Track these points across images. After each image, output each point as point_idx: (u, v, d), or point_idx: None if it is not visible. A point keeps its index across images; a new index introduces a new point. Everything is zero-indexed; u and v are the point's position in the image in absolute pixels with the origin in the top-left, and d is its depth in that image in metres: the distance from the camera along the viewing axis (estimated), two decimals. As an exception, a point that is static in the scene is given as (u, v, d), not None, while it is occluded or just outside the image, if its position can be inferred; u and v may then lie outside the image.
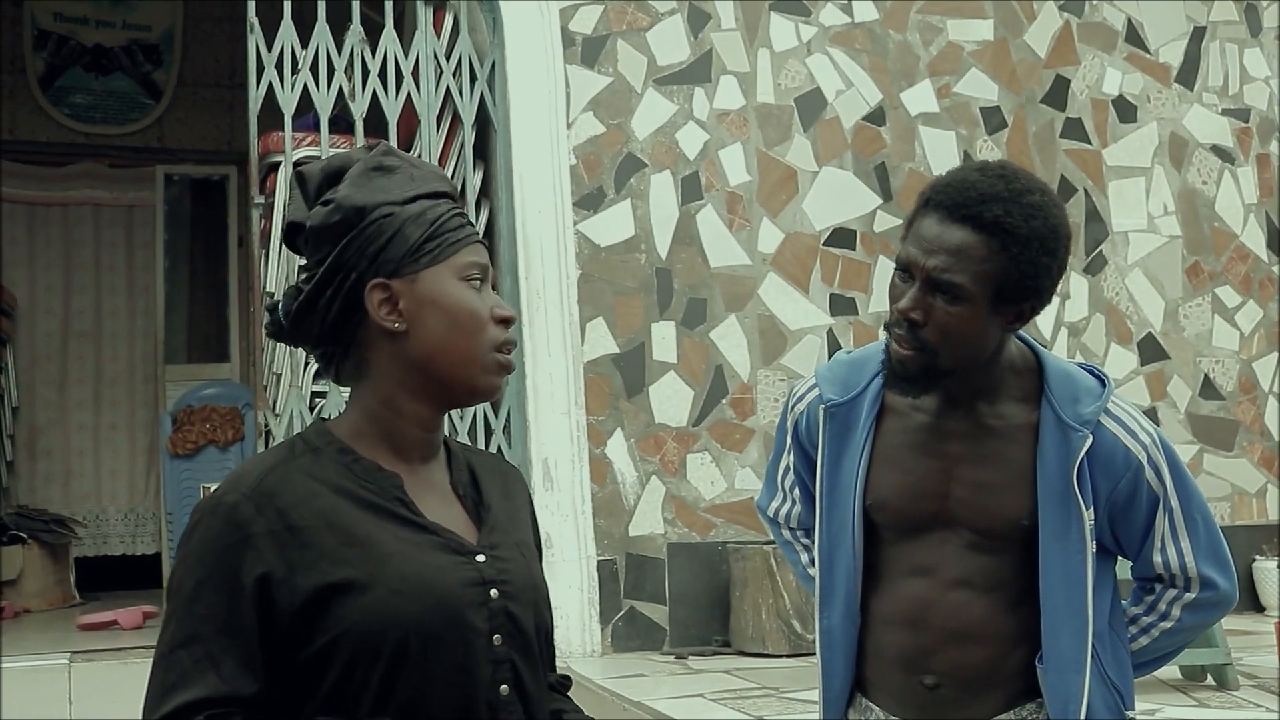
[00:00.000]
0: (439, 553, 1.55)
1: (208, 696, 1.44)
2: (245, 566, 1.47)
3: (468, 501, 1.65)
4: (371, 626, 1.48)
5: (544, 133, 5.62)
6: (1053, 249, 1.92)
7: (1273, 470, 6.61)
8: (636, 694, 4.46)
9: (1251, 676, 4.53)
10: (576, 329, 5.54)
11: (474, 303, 1.59)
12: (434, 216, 1.59)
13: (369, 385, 1.61)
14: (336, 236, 1.58)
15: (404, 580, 1.50)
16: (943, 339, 1.93)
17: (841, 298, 5.95)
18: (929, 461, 2.06)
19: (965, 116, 6.25)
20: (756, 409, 5.76)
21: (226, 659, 1.46)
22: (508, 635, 1.57)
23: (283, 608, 1.48)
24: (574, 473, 5.44)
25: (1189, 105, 6.71)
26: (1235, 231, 6.72)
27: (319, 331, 1.61)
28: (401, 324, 1.57)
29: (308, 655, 1.48)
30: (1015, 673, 2.04)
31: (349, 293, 1.57)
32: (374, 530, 1.53)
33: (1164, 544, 2.06)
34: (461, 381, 1.60)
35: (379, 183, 1.60)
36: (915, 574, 2.07)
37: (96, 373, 8.66)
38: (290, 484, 1.53)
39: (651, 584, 5.53)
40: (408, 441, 1.61)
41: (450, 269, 1.59)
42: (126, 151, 8.69)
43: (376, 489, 1.56)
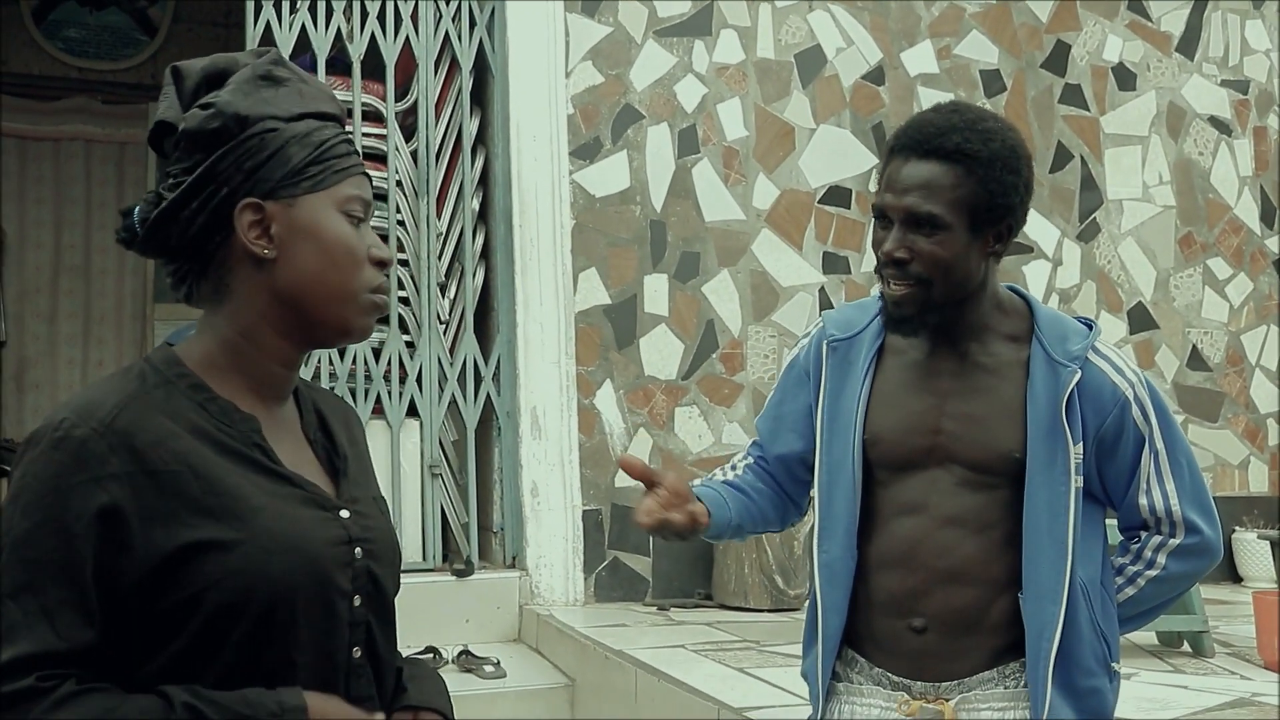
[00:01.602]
0: (303, 507, 1.46)
1: (39, 652, 1.31)
2: (90, 509, 1.33)
3: (319, 448, 1.56)
4: (238, 585, 1.37)
5: (542, 81, 5.59)
6: (1015, 167, 2.02)
7: (1256, 443, 6.65)
8: (618, 643, 4.48)
9: (1227, 645, 4.58)
10: (569, 279, 5.54)
11: (352, 238, 1.48)
12: (320, 140, 1.48)
13: (226, 312, 1.48)
14: (211, 145, 1.45)
15: (273, 538, 1.40)
16: (933, 270, 2.00)
17: (835, 256, 5.95)
18: (922, 398, 2.11)
19: (964, 78, 6.24)
20: (746, 364, 5.77)
21: (63, 611, 1.32)
22: (367, 596, 1.50)
23: (134, 559, 1.34)
24: (562, 422, 5.45)
25: (1188, 75, 6.70)
26: (1229, 204, 6.73)
27: (175, 246, 1.48)
28: (271, 251, 1.45)
29: (160, 609, 1.36)
30: (1000, 622, 2.07)
31: (216, 208, 1.45)
32: (238, 480, 1.41)
33: (1149, 486, 2.10)
34: (333, 320, 1.49)
35: (265, 94, 1.48)
36: (907, 512, 2.11)
37: (85, 309, 8.64)
38: (146, 422, 1.38)
39: (636, 535, 5.55)
40: (265, 379, 1.50)
41: (331, 199, 1.48)
42: (120, 88, 8.63)
43: (234, 433, 1.44)
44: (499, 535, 5.44)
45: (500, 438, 5.48)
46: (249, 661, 1.38)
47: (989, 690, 2.07)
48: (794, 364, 2.31)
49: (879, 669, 2.12)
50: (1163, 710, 3.51)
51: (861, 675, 2.14)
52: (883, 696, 2.11)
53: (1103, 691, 2.08)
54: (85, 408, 1.38)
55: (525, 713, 4.43)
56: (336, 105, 1.56)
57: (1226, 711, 3.55)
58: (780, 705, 3.56)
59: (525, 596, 5.29)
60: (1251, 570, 6.17)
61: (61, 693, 1.30)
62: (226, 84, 1.48)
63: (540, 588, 5.33)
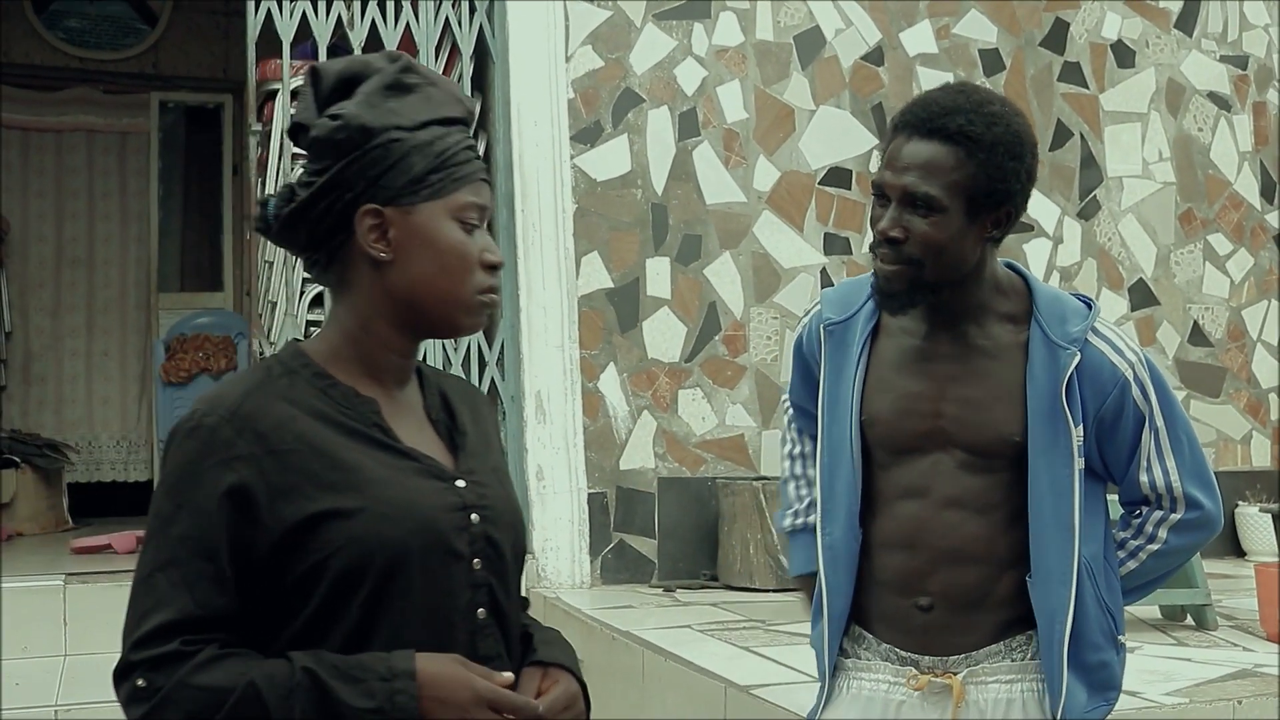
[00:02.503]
0: (420, 478, 1.57)
1: (182, 619, 1.45)
2: (220, 488, 1.47)
3: (441, 427, 1.66)
4: (358, 551, 1.48)
5: (542, 65, 5.61)
6: (1018, 153, 1.99)
7: (1258, 417, 6.67)
8: (625, 624, 4.51)
9: (1230, 618, 4.60)
10: (571, 263, 5.55)
11: (464, 245, 1.58)
12: (442, 149, 1.57)
13: (347, 305, 1.61)
14: (338, 154, 1.56)
15: (389, 505, 1.51)
16: (926, 252, 1.99)
17: (836, 237, 5.97)
18: (920, 381, 2.11)
19: (964, 58, 6.25)
20: (749, 346, 5.79)
21: (201, 581, 1.46)
22: (487, 559, 1.59)
23: (264, 532, 1.48)
24: (566, 406, 5.48)
25: (1187, 51, 6.71)
26: (1229, 179, 6.74)
27: (305, 241, 1.60)
28: (388, 254, 1.56)
29: (291, 580, 1.49)
30: (1006, 598, 2.09)
31: (341, 211, 1.56)
32: (356, 455, 1.53)
33: (1150, 463, 2.11)
34: (443, 320, 1.60)
35: (392, 104, 1.58)
36: (909, 496, 2.12)
37: (89, 300, 8.65)
38: (269, 407, 1.52)
39: (641, 518, 5.58)
40: (383, 366, 1.62)
41: (447, 207, 1.57)
42: (121, 77, 8.63)
43: (354, 414, 1.56)
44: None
45: (505, 422, 5.50)
46: (371, 622, 1.50)
47: (996, 663, 2.08)
48: (797, 346, 2.33)
49: (886, 644, 2.13)
50: (1166, 682, 3.54)
51: (869, 651, 2.15)
52: (891, 671, 2.12)
53: (1111, 664, 2.10)
54: (215, 399, 1.53)
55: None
56: (463, 108, 1.64)
57: (1229, 683, 3.58)
58: (787, 683, 3.59)
59: (532, 579, 5.32)
60: (1254, 544, 6.20)
61: (202, 657, 1.45)
62: (356, 93, 1.58)
63: (547, 571, 5.37)
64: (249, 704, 1.43)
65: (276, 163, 5.34)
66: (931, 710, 2.09)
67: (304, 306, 5.28)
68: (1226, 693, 3.45)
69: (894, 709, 2.12)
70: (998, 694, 2.08)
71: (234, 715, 1.43)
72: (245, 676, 1.43)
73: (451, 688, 1.47)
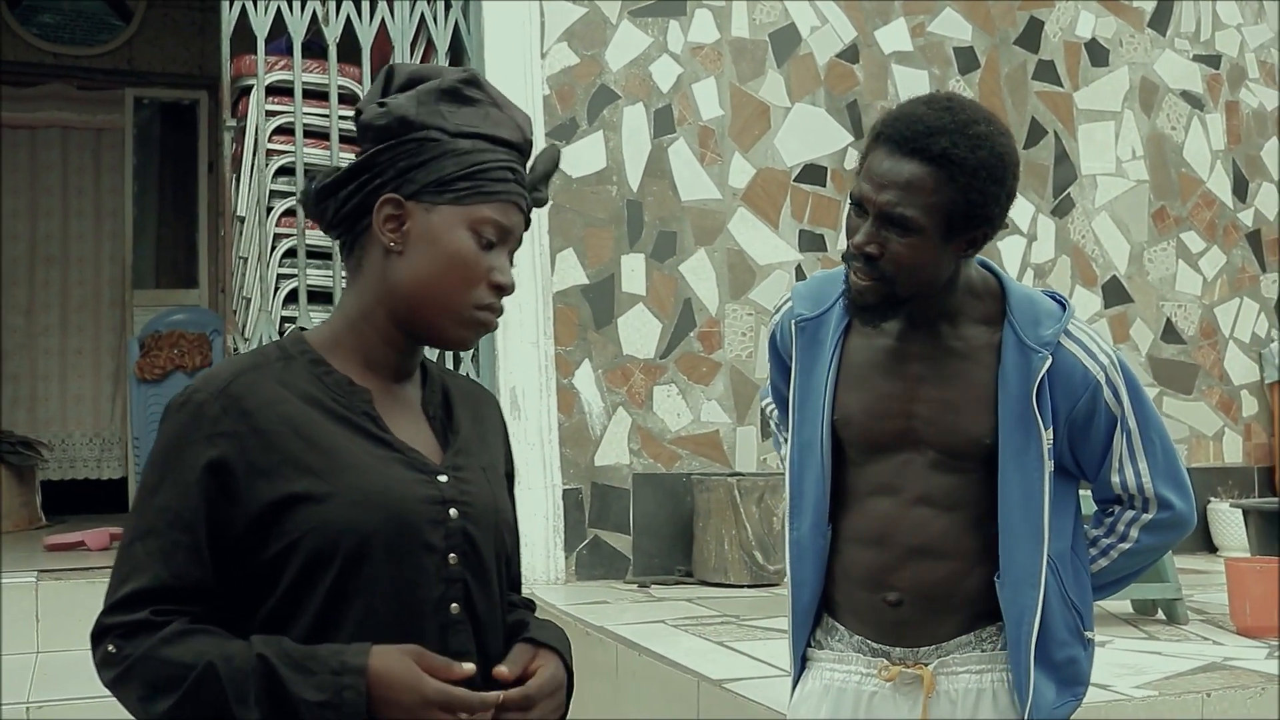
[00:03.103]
0: (401, 468, 1.57)
1: (155, 587, 1.49)
2: (201, 462, 1.50)
3: (436, 423, 1.67)
4: (327, 534, 1.49)
5: (518, 62, 5.60)
6: (1000, 177, 1.96)
7: (1230, 414, 6.72)
8: (599, 620, 4.52)
9: (1201, 612, 4.63)
10: (546, 259, 5.55)
11: (472, 257, 1.57)
12: (478, 160, 1.58)
13: (356, 291, 1.62)
14: (376, 138, 1.59)
15: (363, 492, 1.52)
16: (898, 270, 1.97)
17: (811, 234, 5.98)
18: (893, 382, 2.10)
19: (938, 56, 6.27)
20: (724, 343, 5.80)
21: (178, 552, 1.49)
22: (463, 555, 1.58)
23: (242, 509, 1.50)
24: (541, 402, 5.48)
25: (1161, 50, 6.75)
26: (1202, 178, 6.78)
27: (330, 219, 1.63)
28: (399, 246, 1.57)
29: (265, 559, 1.51)
30: (975, 593, 2.09)
31: (366, 196, 1.58)
32: (338, 440, 1.54)
33: (1122, 464, 2.11)
34: (432, 324, 1.60)
35: (443, 108, 1.59)
36: (880, 493, 2.12)
37: (63, 297, 8.60)
38: (259, 388, 1.54)
39: (616, 514, 5.59)
40: (380, 359, 1.63)
41: (467, 216, 1.57)
42: (95, 73, 8.57)
43: (346, 402, 1.57)
44: (480, 515, 5.46)
45: (480, 418, 5.49)
46: (337, 608, 1.51)
47: (966, 654, 2.09)
48: (772, 342, 2.31)
49: (858, 636, 2.14)
50: (1136, 676, 3.56)
51: (841, 642, 2.16)
52: (863, 663, 2.13)
53: (1078, 660, 2.11)
54: (208, 377, 1.57)
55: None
56: (520, 135, 1.64)
57: (1198, 676, 3.60)
58: (760, 677, 3.60)
59: (507, 575, 5.31)
60: (1226, 540, 6.24)
61: (169, 630, 1.48)
62: (414, 89, 1.60)
63: (522, 567, 5.35)
64: (207, 684, 1.45)
65: (251, 158, 5.33)
66: (903, 701, 2.10)
67: (278, 303, 5.26)
68: (1196, 686, 3.47)
69: (865, 700, 2.12)
70: (968, 684, 2.09)
71: (191, 693, 1.45)
72: (205, 656, 1.45)
73: (401, 689, 1.46)
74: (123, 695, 1.51)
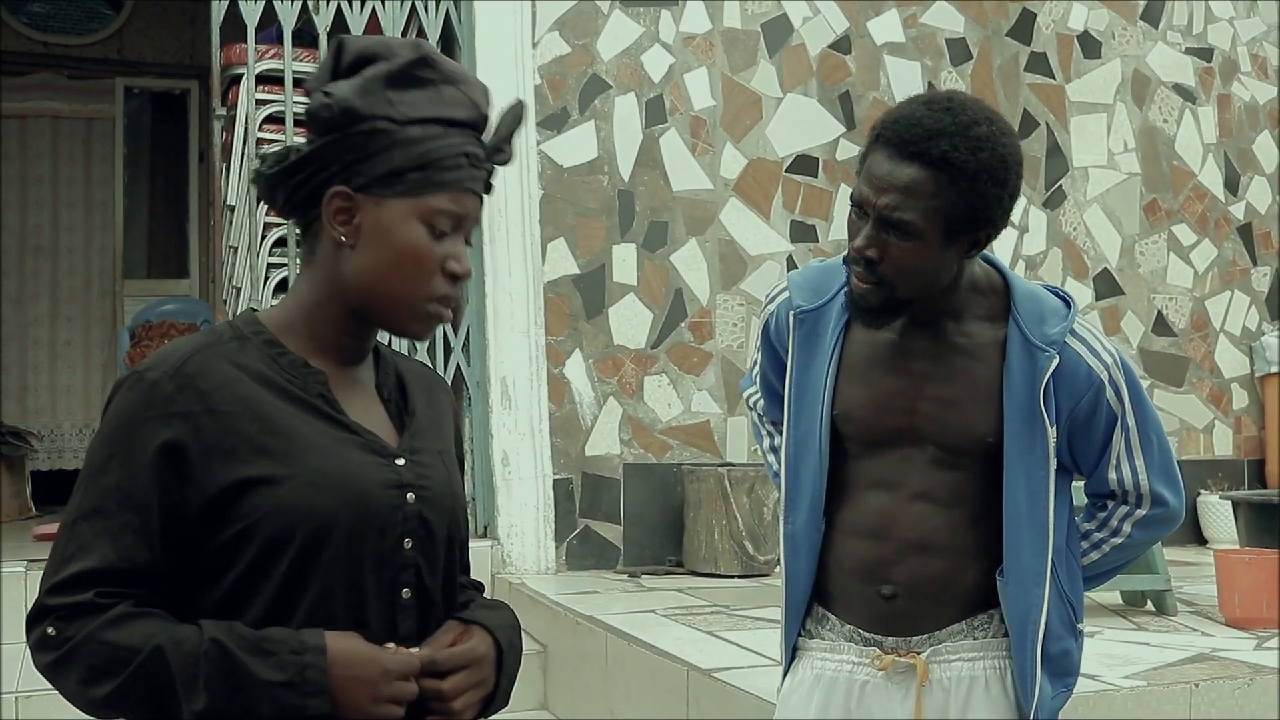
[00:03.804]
0: (358, 451, 1.55)
1: (101, 569, 1.45)
2: (155, 442, 1.47)
3: (391, 406, 1.65)
4: (285, 518, 1.47)
5: (509, 52, 5.59)
6: (1002, 179, 1.93)
7: (1220, 406, 6.72)
8: (589, 610, 4.51)
9: (1190, 603, 4.64)
10: (537, 249, 5.54)
11: (423, 249, 1.54)
12: (429, 149, 1.53)
13: (309, 279, 1.60)
14: (323, 131, 1.55)
15: (322, 475, 1.50)
16: (899, 274, 1.95)
17: (802, 224, 5.97)
18: (895, 378, 2.09)
19: (931, 47, 6.26)
20: (715, 333, 5.80)
21: (125, 534, 1.46)
22: (418, 540, 1.57)
23: (195, 491, 1.47)
24: (532, 392, 5.47)
25: (1153, 43, 6.75)
26: (1193, 170, 6.78)
27: (283, 206, 1.60)
28: (350, 240, 1.54)
29: (218, 543, 1.48)
30: (970, 587, 2.09)
31: (315, 188, 1.55)
32: (295, 423, 1.52)
33: (1119, 462, 2.11)
34: (391, 319, 1.58)
35: (391, 94, 1.54)
36: (879, 487, 2.11)
37: (53, 288, 8.58)
38: (214, 368, 1.51)
39: (607, 504, 5.58)
40: (334, 343, 1.60)
41: (417, 208, 1.53)
42: (86, 63, 8.56)
43: (300, 383, 1.55)
44: (470, 505, 5.46)
45: (470, 408, 5.49)
46: (293, 591, 1.48)
47: (959, 642, 2.09)
48: (765, 331, 2.29)
49: (849, 626, 2.14)
50: (1125, 666, 3.56)
51: (833, 632, 2.15)
52: (855, 652, 2.12)
53: (1071, 652, 2.11)
54: (161, 355, 1.53)
55: (498, 680, 4.45)
56: (476, 112, 1.59)
57: (1187, 667, 3.60)
58: (750, 666, 3.60)
59: (497, 565, 5.31)
60: (1216, 532, 6.24)
61: (115, 613, 1.44)
62: (360, 74, 1.55)
63: (512, 557, 5.36)
64: (153, 667, 1.42)
65: (241, 148, 5.31)
66: (895, 690, 2.10)
67: (269, 292, 5.25)
68: (1184, 676, 3.47)
69: (858, 689, 2.12)
70: (960, 672, 2.09)
71: (136, 676, 1.42)
72: (153, 639, 1.43)
73: (360, 664, 1.46)
74: (59, 679, 1.47)
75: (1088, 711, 3.22)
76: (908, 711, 2.08)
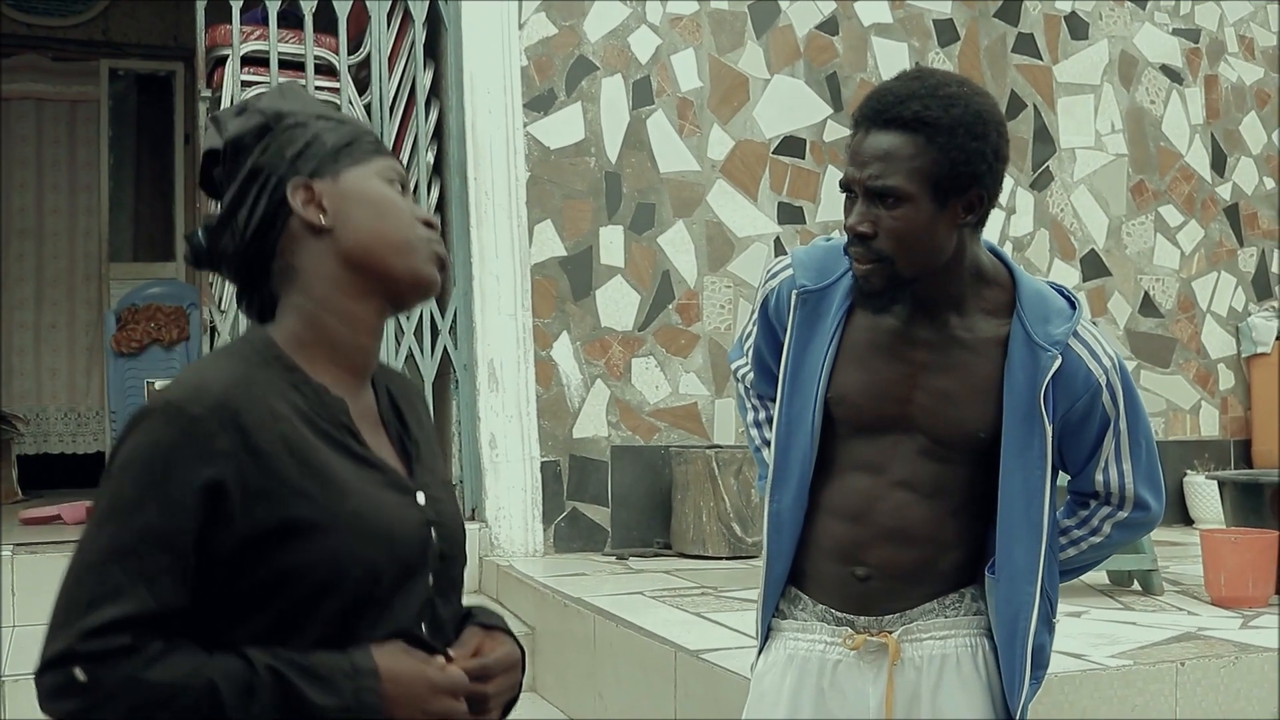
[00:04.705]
0: (387, 491, 1.54)
1: (140, 614, 1.38)
2: (196, 483, 1.40)
3: (392, 430, 1.63)
4: (333, 567, 1.44)
5: (496, 33, 5.57)
6: (980, 133, 1.94)
7: (1207, 387, 6.74)
8: (577, 591, 4.52)
9: (1176, 583, 4.65)
10: (524, 231, 5.53)
11: (398, 199, 1.58)
12: (350, 129, 1.61)
13: (300, 288, 1.56)
14: (254, 141, 1.57)
15: (365, 520, 1.48)
16: (896, 245, 1.95)
17: (790, 206, 5.97)
18: (895, 365, 2.09)
19: (918, 28, 6.25)
20: (702, 315, 5.79)
21: (162, 577, 1.39)
22: (437, 575, 1.57)
23: (232, 532, 1.42)
24: (519, 374, 5.46)
25: (1140, 24, 6.74)
26: (1180, 151, 6.78)
27: (238, 245, 1.57)
28: (328, 220, 1.54)
29: (250, 583, 1.44)
30: (944, 574, 2.11)
31: (270, 196, 1.55)
32: (328, 461, 1.48)
33: (1107, 464, 2.13)
34: (403, 271, 1.56)
35: (290, 100, 1.62)
36: (863, 470, 2.11)
37: (38, 271, 8.54)
38: (253, 404, 1.45)
39: (594, 486, 5.58)
40: (350, 350, 1.57)
41: (370, 169, 1.58)
42: (70, 45, 8.51)
43: (326, 415, 1.52)
44: (458, 488, 5.46)
45: (458, 391, 5.49)
46: (336, 636, 1.46)
47: (930, 620, 2.10)
48: (763, 307, 2.26)
49: (822, 605, 2.14)
50: (1111, 645, 3.58)
51: (805, 612, 2.16)
52: (827, 632, 2.13)
53: (1045, 646, 2.13)
54: (198, 387, 1.45)
55: (486, 662, 4.45)
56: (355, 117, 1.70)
57: (1173, 646, 3.62)
58: (737, 647, 3.60)
59: (485, 548, 5.31)
60: (1202, 513, 6.26)
61: (151, 651, 1.38)
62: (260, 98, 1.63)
63: (500, 539, 5.36)
64: (204, 701, 1.38)
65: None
66: (867, 669, 2.11)
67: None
68: (1170, 655, 3.49)
69: (830, 669, 2.12)
70: (932, 650, 2.10)
71: (186, 713, 1.38)
72: (200, 672, 1.39)
73: (410, 682, 1.45)
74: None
75: (1074, 690, 3.23)
76: (880, 690, 2.09)
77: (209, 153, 1.61)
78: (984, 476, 2.08)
